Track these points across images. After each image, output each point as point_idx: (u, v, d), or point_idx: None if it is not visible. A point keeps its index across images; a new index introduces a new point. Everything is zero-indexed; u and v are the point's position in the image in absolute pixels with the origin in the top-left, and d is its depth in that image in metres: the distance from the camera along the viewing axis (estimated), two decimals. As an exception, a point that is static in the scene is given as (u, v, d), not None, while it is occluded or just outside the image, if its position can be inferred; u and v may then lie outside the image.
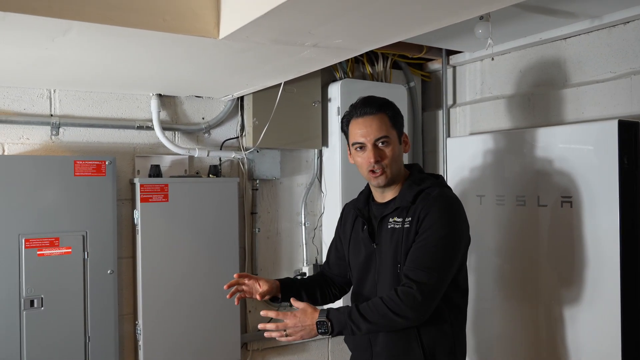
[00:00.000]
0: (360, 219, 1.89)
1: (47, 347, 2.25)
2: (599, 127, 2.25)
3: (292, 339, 1.70)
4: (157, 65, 2.01)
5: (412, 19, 1.55)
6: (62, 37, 1.58)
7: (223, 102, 2.78)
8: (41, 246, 2.24)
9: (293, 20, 1.50)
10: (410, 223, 1.74)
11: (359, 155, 1.80)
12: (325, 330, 1.65)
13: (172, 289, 2.50)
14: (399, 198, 1.80)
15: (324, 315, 1.66)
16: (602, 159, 2.20)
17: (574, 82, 2.54)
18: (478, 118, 3.00)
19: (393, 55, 3.03)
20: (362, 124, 1.77)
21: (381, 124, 1.76)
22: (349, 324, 1.65)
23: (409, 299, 1.63)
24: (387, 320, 1.64)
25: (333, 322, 1.65)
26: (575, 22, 2.41)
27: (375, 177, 1.78)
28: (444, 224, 1.71)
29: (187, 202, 2.53)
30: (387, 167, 1.76)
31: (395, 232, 1.77)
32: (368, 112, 1.77)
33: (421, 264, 1.67)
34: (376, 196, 1.88)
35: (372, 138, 1.75)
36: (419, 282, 1.64)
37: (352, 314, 1.65)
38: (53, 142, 2.41)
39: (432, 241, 1.69)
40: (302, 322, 1.67)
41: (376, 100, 1.81)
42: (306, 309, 1.69)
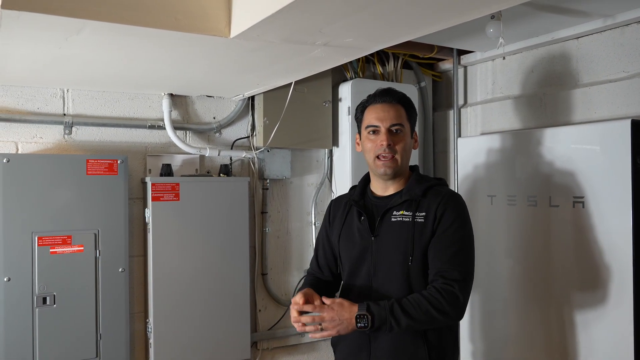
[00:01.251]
0: (354, 211, 1.86)
1: (59, 344, 2.27)
2: (612, 126, 2.23)
3: (327, 334, 1.65)
4: (168, 64, 2.02)
5: (422, 17, 1.55)
6: (76, 36, 1.60)
7: (234, 101, 2.79)
8: (54, 244, 2.26)
9: (304, 19, 1.50)
10: (425, 218, 1.74)
11: (370, 138, 1.79)
12: (365, 325, 1.61)
13: (182, 288, 2.51)
14: (406, 191, 1.79)
15: (364, 308, 1.63)
16: (615, 159, 2.18)
17: (586, 82, 2.52)
18: (489, 118, 2.99)
19: (404, 55, 3.03)
20: (379, 109, 1.79)
21: (398, 113, 1.79)
22: (390, 319, 1.62)
23: (452, 297, 1.65)
24: (428, 317, 1.64)
25: (374, 316, 1.62)
26: (588, 21, 2.39)
27: (383, 163, 1.76)
28: (464, 221, 1.76)
29: (198, 201, 2.54)
30: (398, 154, 1.77)
31: (404, 226, 1.75)
32: (387, 100, 1.80)
33: (455, 263, 1.69)
34: (376, 189, 1.86)
35: (387, 123, 1.77)
36: (459, 280, 1.67)
37: (394, 310, 1.63)
38: (66, 141, 2.44)
39: (459, 239, 1.72)
40: (339, 316, 1.63)
41: (396, 92, 1.84)
42: (343, 303, 1.66)
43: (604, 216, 2.22)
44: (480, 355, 2.71)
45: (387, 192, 1.84)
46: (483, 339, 2.71)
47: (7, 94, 2.33)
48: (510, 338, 2.59)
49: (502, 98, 2.91)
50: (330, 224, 1.96)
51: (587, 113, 2.51)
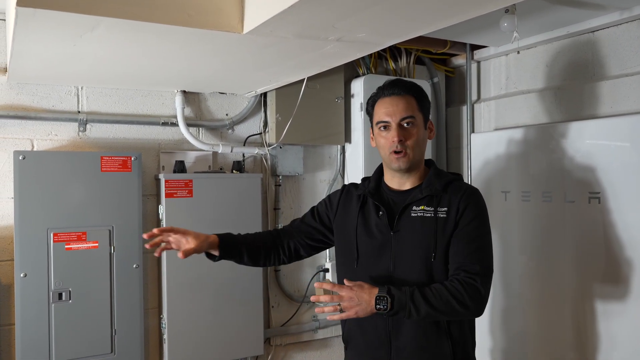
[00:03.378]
0: (370, 204, 1.82)
1: (75, 339, 2.29)
2: (628, 121, 2.20)
3: (345, 315, 1.61)
4: (181, 61, 2.03)
5: (436, 11, 1.53)
6: (90, 33, 1.61)
7: (246, 98, 2.79)
8: (69, 240, 2.28)
9: (317, 14, 1.49)
10: (447, 213, 1.71)
11: (382, 135, 1.75)
12: (384, 307, 1.59)
13: (196, 284, 2.52)
14: (426, 186, 1.76)
15: (385, 290, 1.61)
16: (632, 153, 2.16)
17: (601, 76, 2.49)
18: (503, 113, 2.96)
19: (416, 50, 3.01)
20: (388, 103, 1.75)
21: (408, 104, 1.74)
22: (409, 304, 1.60)
23: (473, 291, 1.64)
24: (448, 308, 1.62)
25: (394, 299, 1.60)
26: (604, 14, 2.36)
27: (397, 159, 1.73)
28: (485, 217, 1.75)
29: (211, 197, 2.55)
30: (410, 149, 1.72)
31: (426, 221, 1.72)
32: (395, 92, 1.75)
33: (477, 258, 1.68)
34: (392, 183, 1.82)
35: (397, 117, 1.72)
36: (481, 275, 1.66)
37: (415, 296, 1.61)
38: (80, 139, 2.46)
39: (480, 235, 1.71)
40: (358, 297, 1.60)
41: (404, 82, 1.79)
42: (363, 284, 1.63)
43: (621, 212, 2.20)
44: (499, 352, 2.70)
45: (404, 187, 1.80)
46: (500, 335, 2.69)
47: (22, 91, 2.35)
48: (527, 334, 2.57)
49: (516, 93, 2.89)
50: (336, 209, 1.90)
51: (602, 108, 2.48)
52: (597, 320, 2.28)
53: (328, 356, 3.02)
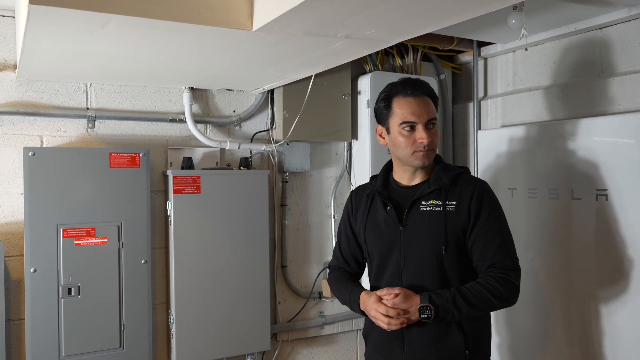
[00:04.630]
0: (377, 202, 1.86)
1: (84, 334, 2.31)
2: (636, 118, 2.20)
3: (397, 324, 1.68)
4: (191, 58, 2.03)
5: (445, 9, 1.54)
6: (101, 30, 1.62)
7: (254, 95, 2.80)
8: (78, 236, 2.30)
9: (326, 11, 1.50)
10: (457, 207, 1.75)
11: (405, 134, 1.76)
12: (428, 315, 1.65)
13: (203, 279, 2.54)
14: (434, 180, 1.79)
15: (426, 299, 1.66)
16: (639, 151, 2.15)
17: (609, 73, 2.49)
18: (510, 110, 2.96)
19: (423, 47, 3.01)
20: (414, 104, 1.76)
21: (430, 106, 1.79)
22: (452, 309, 1.67)
23: (510, 285, 1.71)
24: (488, 305, 1.70)
25: (438, 307, 1.66)
26: (612, 10, 2.35)
27: (422, 156, 1.76)
28: (500, 210, 1.81)
29: (218, 193, 2.56)
30: (434, 147, 1.78)
31: (435, 215, 1.75)
32: (419, 93, 1.78)
33: (505, 253, 1.75)
34: (401, 179, 1.86)
35: (425, 118, 1.76)
36: (513, 269, 1.75)
37: (456, 300, 1.67)
38: (89, 135, 2.47)
39: (500, 229, 1.77)
40: (405, 307, 1.67)
41: (423, 82, 1.82)
42: (407, 294, 1.69)
43: (628, 209, 2.20)
44: (506, 348, 2.70)
45: (413, 182, 1.84)
46: (506, 331, 2.70)
47: (32, 88, 2.37)
48: (534, 331, 2.58)
49: (523, 90, 2.88)
50: (353, 214, 1.95)
51: (610, 105, 2.47)
52: (603, 317, 2.29)
53: (334, 352, 3.04)
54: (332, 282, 1.99)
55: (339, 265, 2.00)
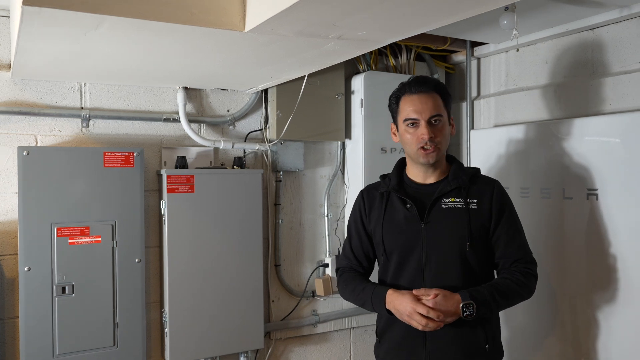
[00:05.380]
0: (394, 200, 1.87)
1: (78, 333, 2.32)
2: (627, 118, 2.22)
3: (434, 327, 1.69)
4: (184, 58, 2.04)
5: (437, 9, 1.55)
6: (94, 31, 1.63)
7: (247, 94, 2.81)
8: (72, 235, 2.31)
9: (318, 13, 1.51)
10: (478, 205, 1.80)
11: (410, 131, 1.81)
12: (471, 313, 1.69)
13: (197, 278, 2.55)
14: (453, 179, 1.82)
15: (467, 297, 1.70)
16: (630, 151, 2.18)
17: (601, 73, 2.51)
18: (502, 110, 2.98)
19: (417, 47, 3.03)
20: (416, 101, 1.80)
21: (435, 102, 1.81)
22: (493, 305, 1.73)
23: (533, 279, 1.84)
24: (518, 298, 1.80)
25: (479, 303, 1.70)
26: (604, 11, 2.37)
27: (426, 155, 1.79)
28: (514, 208, 1.88)
29: (212, 193, 2.57)
30: (439, 144, 1.80)
31: (456, 212, 1.79)
32: (423, 90, 1.81)
33: (526, 249, 1.87)
34: (416, 177, 1.88)
35: (426, 115, 1.79)
36: (533, 262, 1.87)
37: (495, 296, 1.73)
38: (83, 134, 2.48)
39: (518, 227, 1.87)
40: (446, 307, 1.69)
41: (431, 79, 1.86)
42: (446, 294, 1.70)
43: (618, 208, 2.22)
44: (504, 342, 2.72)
45: (428, 180, 1.87)
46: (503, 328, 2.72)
47: (26, 87, 2.37)
48: (527, 328, 2.59)
49: (516, 90, 2.90)
50: (367, 213, 1.95)
51: (601, 105, 2.50)
52: (594, 314, 2.31)
53: (328, 350, 3.06)
54: (345, 283, 1.96)
55: (351, 266, 1.99)
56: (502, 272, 1.84)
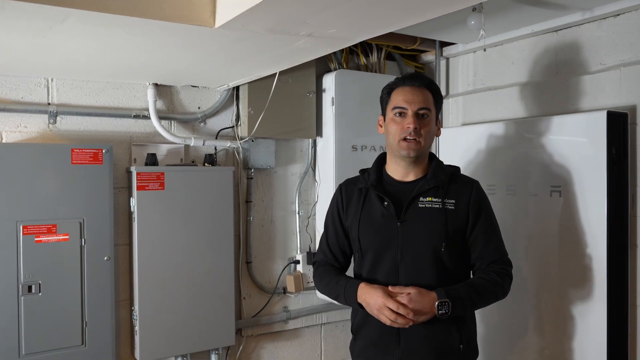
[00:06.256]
0: (372, 196, 1.85)
1: (45, 332, 2.28)
2: (588, 118, 2.29)
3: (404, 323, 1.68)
4: (153, 54, 2.03)
5: (406, 8, 1.58)
6: (60, 25, 1.61)
7: (219, 91, 2.81)
8: (39, 233, 2.27)
9: (288, 9, 1.52)
10: (456, 205, 1.79)
11: (396, 120, 1.81)
12: (446, 311, 1.68)
13: (167, 276, 2.53)
14: (432, 178, 1.81)
15: (443, 295, 1.69)
16: (591, 149, 2.25)
17: (564, 74, 2.58)
18: (470, 109, 3.04)
19: (387, 46, 3.06)
20: (408, 92, 1.81)
21: (425, 97, 1.81)
22: (468, 303, 1.73)
23: (508, 278, 1.85)
24: (492, 297, 1.82)
25: (455, 302, 1.70)
26: (567, 14, 2.44)
27: (408, 146, 1.78)
28: (492, 209, 1.90)
29: (182, 190, 2.56)
30: (422, 139, 1.79)
31: (433, 212, 1.78)
32: (416, 84, 1.83)
33: (502, 250, 1.88)
34: (395, 174, 1.87)
35: (415, 106, 1.79)
36: (508, 264, 1.88)
37: (471, 294, 1.73)
38: (50, 131, 2.44)
39: (495, 229, 1.88)
40: (421, 305, 1.68)
41: (425, 77, 1.88)
42: (421, 291, 1.69)
43: (580, 205, 2.29)
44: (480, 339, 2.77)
45: (407, 178, 1.85)
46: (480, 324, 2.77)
47: (-10, 82, 2.32)
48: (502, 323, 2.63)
49: (483, 89, 2.96)
50: (344, 208, 1.92)
51: (565, 104, 2.57)
52: (560, 308, 2.38)
53: (299, 346, 3.07)
54: (320, 277, 1.95)
55: (327, 261, 1.97)
56: (478, 272, 1.85)
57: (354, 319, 1.95)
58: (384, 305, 1.70)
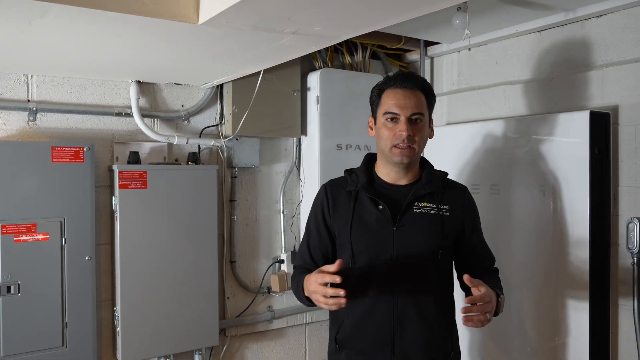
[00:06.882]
0: (364, 199, 1.75)
1: (25, 334, 2.24)
2: (572, 117, 2.31)
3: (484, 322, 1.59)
4: (136, 50, 2.00)
5: (391, 6, 1.57)
6: (40, 20, 1.58)
7: (202, 89, 2.78)
8: (18, 232, 2.23)
9: (273, 6, 1.51)
10: (450, 211, 1.77)
11: (388, 126, 1.72)
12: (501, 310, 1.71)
13: (150, 276, 2.50)
14: (427, 182, 1.76)
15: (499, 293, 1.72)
16: (575, 149, 2.26)
17: (547, 74, 2.60)
18: (455, 108, 3.05)
19: (372, 45, 3.06)
20: (400, 95, 1.72)
21: (418, 100, 1.73)
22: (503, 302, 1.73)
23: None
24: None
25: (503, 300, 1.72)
26: (551, 14, 2.46)
27: (401, 153, 1.70)
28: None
29: (166, 189, 2.53)
30: (416, 144, 1.72)
31: (429, 217, 1.73)
32: (408, 86, 1.73)
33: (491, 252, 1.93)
34: (387, 177, 1.79)
35: (408, 111, 1.70)
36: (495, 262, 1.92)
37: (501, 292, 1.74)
38: (30, 128, 2.39)
39: (481, 230, 1.90)
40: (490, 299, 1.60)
41: (417, 77, 1.80)
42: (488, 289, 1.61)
43: (562, 204, 2.31)
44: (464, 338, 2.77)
45: (401, 182, 1.78)
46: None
47: (-33, 78, 2.28)
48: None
49: (467, 89, 2.98)
50: (330, 211, 1.80)
51: (548, 104, 2.59)
52: (543, 306, 2.39)
53: (283, 346, 3.06)
54: (292, 282, 1.84)
55: (306, 267, 1.82)
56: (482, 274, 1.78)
57: (338, 326, 1.80)
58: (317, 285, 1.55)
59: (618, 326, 2.30)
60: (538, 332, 2.40)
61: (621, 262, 2.28)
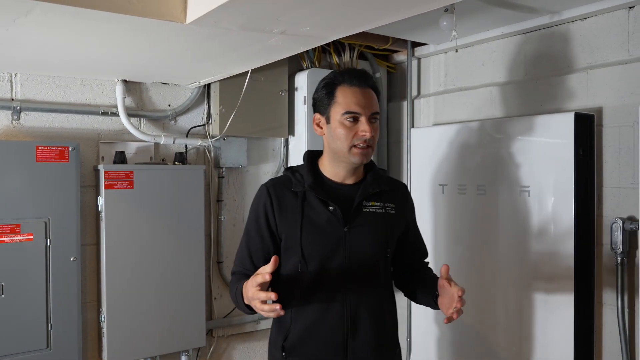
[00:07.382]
0: (312, 199, 1.68)
1: (8, 335, 2.22)
2: (556, 119, 2.33)
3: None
4: (122, 49, 1.99)
5: (379, 7, 1.58)
6: (24, 18, 1.56)
7: (189, 89, 2.77)
8: (1, 233, 2.20)
9: (260, 6, 1.51)
10: (395, 209, 1.77)
11: (348, 125, 1.64)
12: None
13: (136, 276, 2.49)
14: (374, 181, 1.74)
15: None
16: (559, 150, 2.28)
17: (533, 76, 2.62)
18: (441, 109, 3.07)
19: (359, 46, 3.07)
20: (359, 94, 1.65)
21: (375, 99, 1.68)
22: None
23: None
24: None
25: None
26: (536, 17, 2.48)
27: (361, 153, 1.66)
28: None
29: (152, 189, 2.52)
30: (374, 144, 1.68)
31: (377, 217, 1.72)
32: (365, 84, 1.66)
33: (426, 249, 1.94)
34: (334, 175, 1.73)
35: (369, 111, 1.65)
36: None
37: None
38: (14, 127, 2.37)
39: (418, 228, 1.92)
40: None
41: (370, 75, 1.73)
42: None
43: (547, 205, 2.33)
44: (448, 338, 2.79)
45: (348, 181, 1.74)
46: (434, 323, 2.80)
47: (-50, 77, 2.24)
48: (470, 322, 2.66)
49: (454, 90, 2.99)
50: (274, 212, 1.69)
51: (534, 106, 2.61)
52: (528, 306, 2.41)
53: (271, 347, 3.05)
54: (231, 288, 1.72)
55: (245, 272, 1.70)
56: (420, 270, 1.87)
57: (285, 333, 1.69)
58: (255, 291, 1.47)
59: (602, 325, 2.33)
60: (523, 331, 2.42)
61: (605, 262, 2.31)
